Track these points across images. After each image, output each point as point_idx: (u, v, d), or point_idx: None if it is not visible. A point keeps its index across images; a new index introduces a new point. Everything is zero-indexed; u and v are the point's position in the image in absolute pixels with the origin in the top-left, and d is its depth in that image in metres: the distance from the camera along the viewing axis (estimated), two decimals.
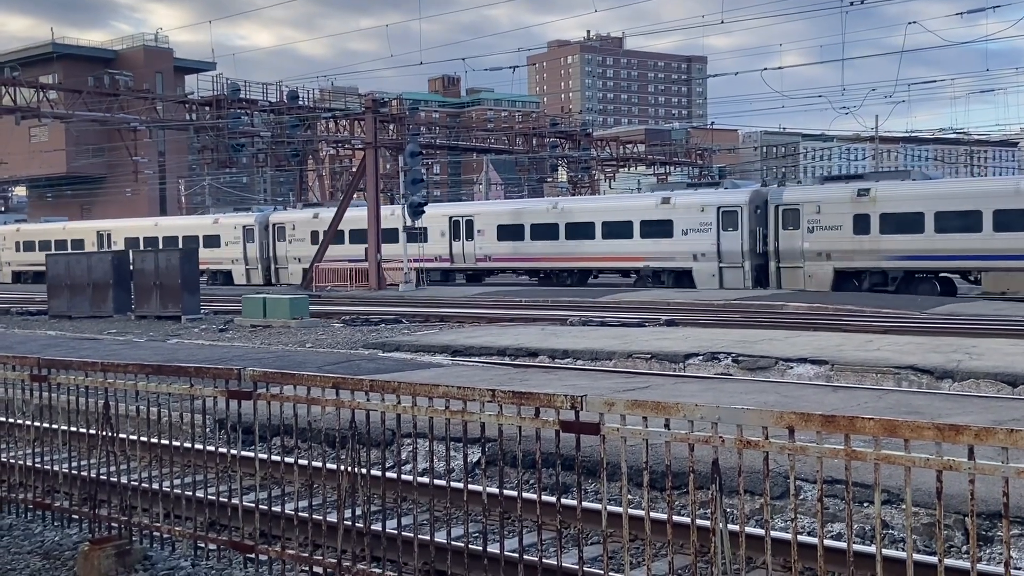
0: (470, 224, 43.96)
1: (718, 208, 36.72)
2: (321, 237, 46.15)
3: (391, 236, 42.53)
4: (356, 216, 45.13)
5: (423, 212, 42.04)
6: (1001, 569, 5.03)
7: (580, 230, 39.61)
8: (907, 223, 32.72)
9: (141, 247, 51.40)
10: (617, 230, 39.02)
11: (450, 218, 44.49)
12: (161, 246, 50.43)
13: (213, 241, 51.51)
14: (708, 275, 37.07)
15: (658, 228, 38.03)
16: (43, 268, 34.41)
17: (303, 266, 46.87)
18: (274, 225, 50.53)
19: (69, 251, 53.92)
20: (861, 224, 33.61)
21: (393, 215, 44.20)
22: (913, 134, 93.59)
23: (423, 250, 42.87)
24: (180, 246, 48.51)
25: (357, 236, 45.07)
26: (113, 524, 7.26)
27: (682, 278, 37.89)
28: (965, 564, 5.71)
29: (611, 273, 41.82)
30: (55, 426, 8.18)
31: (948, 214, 32.01)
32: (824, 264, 34.55)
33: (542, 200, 45.24)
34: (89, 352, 18.75)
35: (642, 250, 38.78)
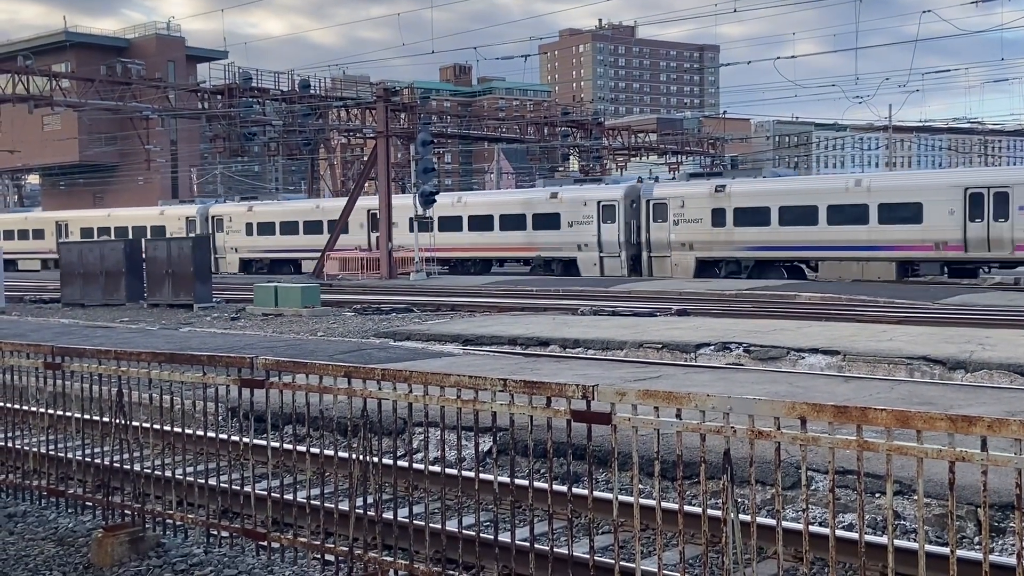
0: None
1: (598, 202, 40.15)
2: (256, 229, 50.64)
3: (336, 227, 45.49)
4: (294, 209, 50.45)
5: (435, 201, 42.15)
6: (1013, 560, 5.02)
7: (481, 222, 42.53)
8: (757, 217, 36.35)
9: (95, 237, 54.97)
10: (513, 223, 42.22)
11: (368, 211, 46.79)
12: (112, 236, 53.47)
13: (160, 231, 53.61)
14: (591, 264, 40.49)
15: (548, 221, 41.46)
16: None
17: (239, 256, 51.76)
18: (213, 217, 53.64)
19: (31, 240, 60.80)
20: (718, 217, 37.20)
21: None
22: (927, 123, 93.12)
23: (344, 241, 46.56)
24: (130, 236, 51.45)
25: (311, 227, 48.68)
26: (126, 511, 7.30)
27: (569, 267, 41.17)
28: (977, 555, 5.71)
29: (510, 262, 45.49)
30: (69, 414, 8.22)
31: (790, 208, 35.73)
32: (688, 254, 38.16)
33: (448, 195, 48.81)
34: (102, 340, 18.83)
35: (535, 241, 42.01)
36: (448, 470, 8.20)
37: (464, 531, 5.85)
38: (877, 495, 7.60)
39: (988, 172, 39.70)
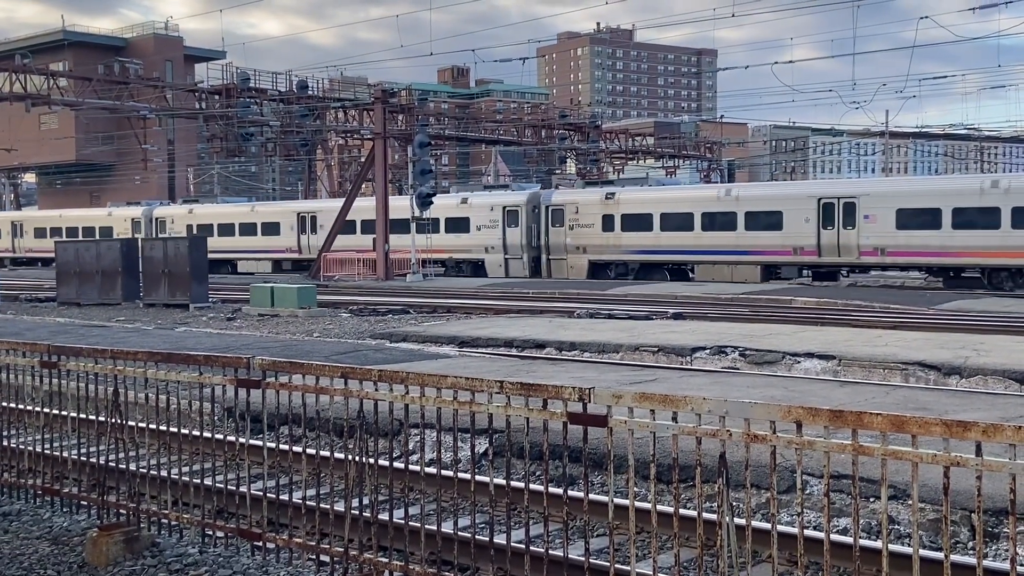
0: (314, 220, 49.74)
1: (503, 208, 42.93)
2: (196, 231, 52.16)
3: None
4: (231, 211, 53.08)
5: (432, 203, 42.26)
6: (1007, 566, 5.03)
7: (401, 226, 43.76)
8: (641, 223, 39.42)
9: (48, 237, 58.53)
10: (427, 227, 43.89)
11: (297, 214, 50.70)
12: (64, 236, 56.34)
13: (108, 232, 56.53)
14: (496, 265, 43.37)
15: (459, 225, 44.35)
16: None
17: None
18: (156, 219, 56.62)
19: None
20: (608, 223, 40.20)
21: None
22: (923, 130, 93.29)
23: (274, 242, 49.40)
24: (80, 236, 55.20)
25: (246, 229, 51.66)
26: (121, 511, 7.30)
27: (478, 268, 44.05)
28: (971, 560, 5.72)
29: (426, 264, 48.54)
30: (64, 412, 8.22)
31: (670, 216, 38.87)
32: (582, 256, 41.08)
33: (370, 199, 51.40)
34: (98, 339, 18.81)
35: (447, 243, 44.63)
36: (444, 472, 8.19)
37: (460, 533, 5.85)
38: (872, 499, 7.61)
39: (839, 184, 43.20)
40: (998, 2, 38.47)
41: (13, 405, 8.56)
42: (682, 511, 6.11)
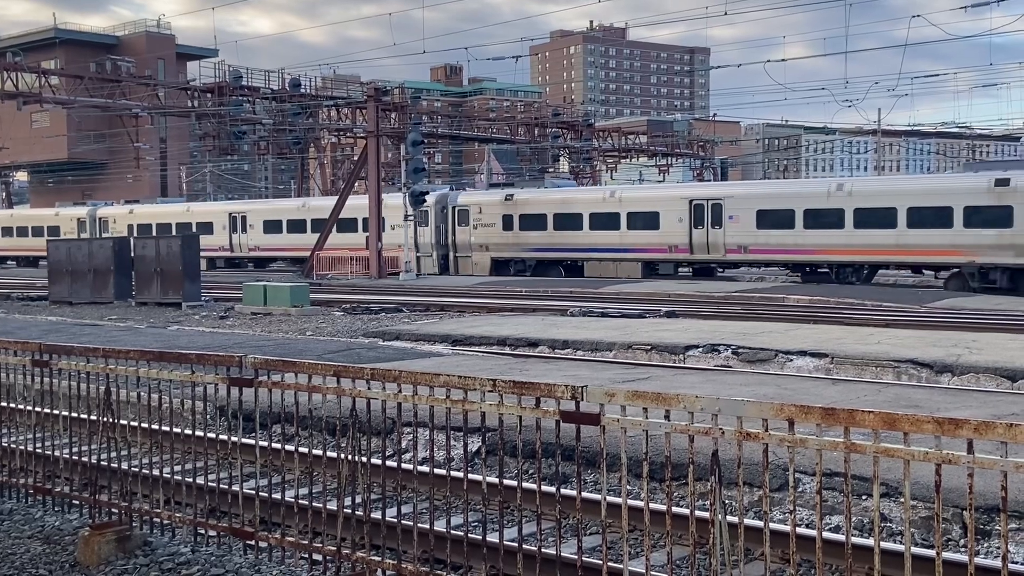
0: (244, 219, 52.59)
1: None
2: (136, 230, 54.25)
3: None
4: (167, 211, 55.60)
5: (424, 201, 42.30)
6: (999, 563, 5.04)
7: (320, 225, 46.81)
8: (537, 222, 42.09)
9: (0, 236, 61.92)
10: (347, 226, 46.19)
11: (229, 214, 53.18)
12: (15, 235, 59.97)
13: (55, 231, 59.19)
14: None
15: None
16: None
17: None
18: (100, 218, 59.03)
19: None
20: (508, 223, 42.95)
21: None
22: (915, 128, 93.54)
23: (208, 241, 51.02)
24: (29, 236, 58.45)
25: (182, 229, 52.05)
26: (113, 510, 7.28)
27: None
28: (963, 558, 5.73)
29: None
30: (56, 411, 8.20)
31: (562, 216, 41.51)
32: (485, 254, 43.75)
33: (294, 200, 55.36)
34: (90, 338, 18.77)
35: (363, 242, 45.84)
36: (436, 470, 8.19)
37: (452, 531, 5.85)
38: (864, 497, 7.63)
39: (708, 187, 44.86)
40: (990, 0, 38.56)
41: (4, 404, 8.54)
42: (675, 509, 6.12)
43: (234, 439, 7.11)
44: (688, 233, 38.68)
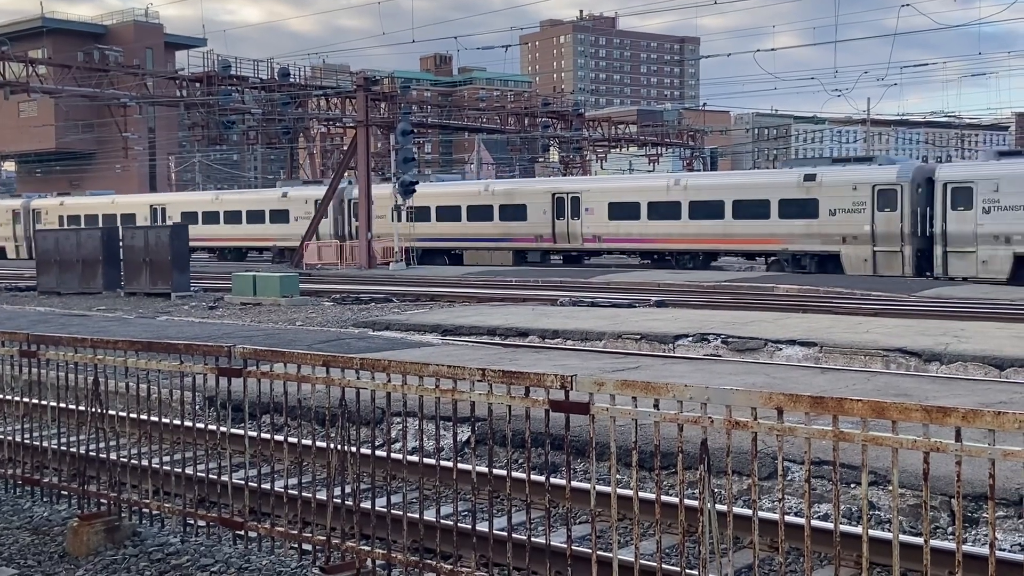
0: (164, 211, 54.71)
1: (315, 200, 47.42)
2: (66, 221, 56.23)
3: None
4: (94, 203, 57.05)
5: (414, 191, 42.27)
6: (986, 550, 5.07)
7: (234, 216, 50.42)
8: (423, 215, 44.90)
9: None
10: (255, 217, 50.25)
11: (150, 206, 55.77)
12: None
13: None
14: (313, 253, 46.86)
15: (279, 216, 49.52)
16: None
17: None
18: (33, 210, 60.88)
19: None
20: (399, 214, 45.04)
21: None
22: (904, 117, 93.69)
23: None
24: None
25: (108, 220, 52.96)
26: (102, 500, 7.27)
27: (295, 254, 47.44)
28: (951, 545, 5.76)
29: (255, 251, 53.59)
30: (44, 402, 8.17)
31: (443, 208, 44.71)
32: (376, 243, 45.19)
33: (208, 192, 58.79)
34: (79, 328, 18.71)
35: (270, 233, 49.90)
36: (426, 460, 8.19)
37: (442, 521, 5.85)
38: (852, 485, 7.65)
39: (568, 182, 47.54)
40: None
41: None
42: (664, 498, 6.13)
43: (223, 429, 7.09)
44: (552, 224, 41.71)
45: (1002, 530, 6.93)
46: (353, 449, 6.09)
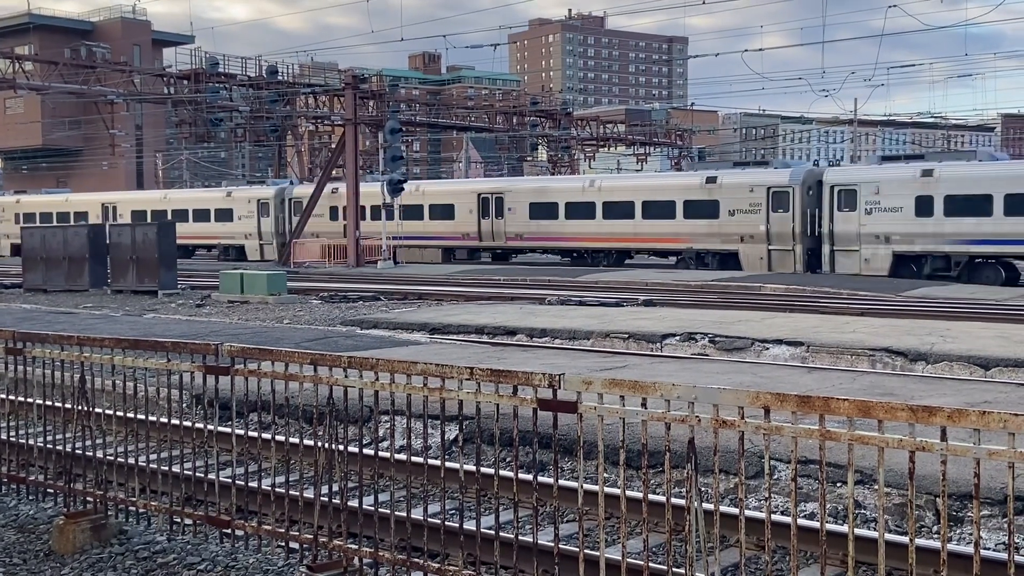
0: (115, 209, 55.80)
1: (258, 200, 49.74)
2: (22, 219, 56.83)
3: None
4: (49, 201, 57.90)
5: (403, 189, 42.28)
6: (971, 549, 5.10)
7: (181, 215, 51.12)
8: (360, 213, 45.86)
9: None
10: (201, 216, 51.61)
11: (102, 204, 56.47)
12: None
13: None
14: (254, 249, 49.78)
15: (223, 214, 50.93)
16: None
17: (11, 242, 57.14)
18: None
19: None
20: (334, 213, 47.12)
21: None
22: (891, 118, 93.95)
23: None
24: None
25: (62, 218, 54.85)
26: (88, 498, 7.25)
27: (240, 252, 50.19)
28: (936, 544, 5.79)
29: (200, 248, 54.16)
30: (30, 400, 8.14)
31: (376, 208, 44.64)
32: (316, 241, 46.99)
33: (158, 192, 60.60)
34: (65, 326, 18.63)
35: (215, 231, 51.35)
36: (414, 458, 8.19)
37: (429, 519, 5.85)
38: (839, 484, 7.68)
39: (492, 182, 49.31)
40: None
41: None
42: (651, 496, 6.15)
43: (210, 427, 7.08)
44: (477, 223, 43.37)
45: (987, 529, 6.97)
46: (341, 447, 6.09)
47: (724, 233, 36.97)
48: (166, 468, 7.07)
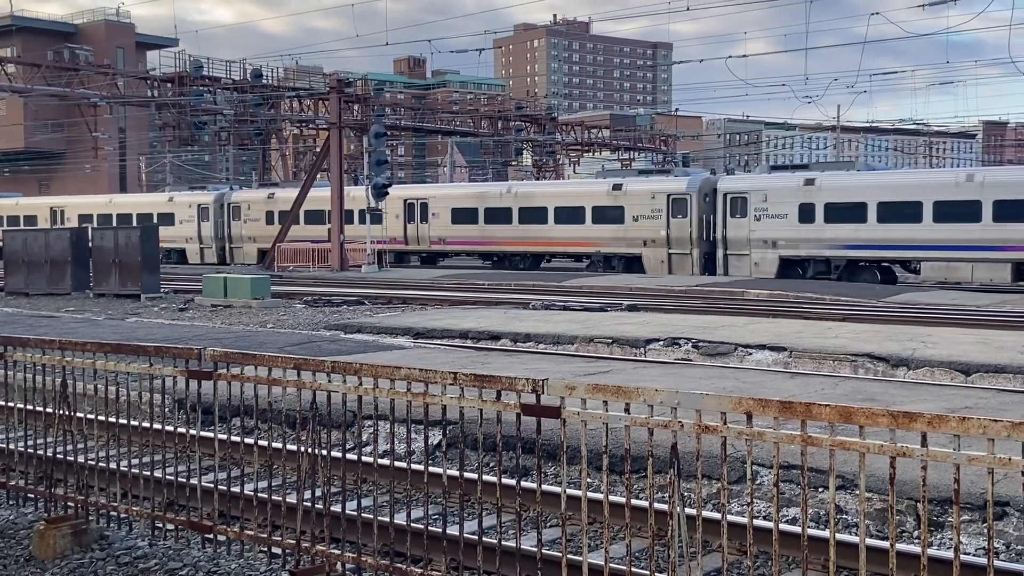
0: (63, 213, 57.13)
1: (198, 205, 51.59)
2: None
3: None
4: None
5: (387, 193, 42.26)
6: (951, 554, 5.13)
7: (126, 220, 51.89)
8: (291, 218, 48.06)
9: None
10: (145, 220, 51.33)
11: (51, 208, 58.01)
12: None
13: None
14: (195, 253, 51.71)
15: (166, 218, 51.96)
16: None
17: None
18: None
19: None
20: (270, 218, 49.29)
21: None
22: (874, 124, 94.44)
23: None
24: None
25: (30, 220, 56.36)
26: (69, 503, 7.21)
27: (181, 256, 52.01)
28: (916, 549, 5.82)
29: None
30: (11, 404, 8.09)
31: (310, 212, 46.45)
32: (253, 245, 49.86)
33: (104, 196, 60.91)
34: (47, 330, 18.53)
35: (163, 235, 52.97)
36: (397, 463, 8.19)
37: (412, 524, 5.85)
38: (820, 489, 7.71)
39: (418, 188, 51.33)
40: None
41: None
42: (634, 502, 6.16)
43: (193, 432, 7.06)
44: (404, 227, 45.21)
45: (967, 534, 7.01)
46: (324, 452, 6.07)
47: (629, 238, 38.80)
48: (148, 473, 7.04)
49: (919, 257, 33.14)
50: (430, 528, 5.62)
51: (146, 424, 7.41)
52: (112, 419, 7.25)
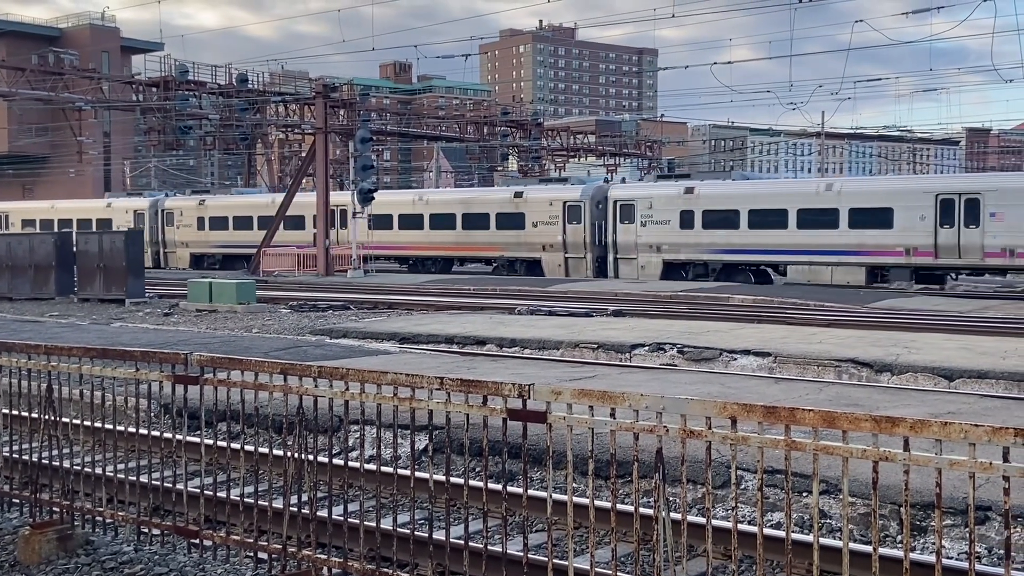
0: (7, 218, 59.55)
1: (134, 211, 53.92)
2: None
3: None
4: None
5: (373, 199, 42.26)
6: (933, 558, 5.17)
7: (66, 224, 52.96)
8: (221, 223, 50.95)
9: None
10: (84, 225, 52.42)
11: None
12: None
13: None
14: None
15: (104, 224, 52.44)
16: None
17: None
18: None
19: None
20: (201, 224, 51.54)
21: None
22: (858, 131, 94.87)
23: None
24: None
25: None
26: (55, 508, 7.19)
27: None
28: (899, 553, 5.86)
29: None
30: None
31: (239, 218, 49.98)
32: (186, 250, 52.57)
33: (45, 202, 62.32)
34: (31, 334, 18.46)
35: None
36: (384, 468, 8.19)
37: (399, 529, 5.86)
38: (804, 494, 7.76)
39: (337, 195, 51.46)
40: (932, 6, 39.32)
41: None
42: (620, 506, 6.18)
43: (179, 437, 7.06)
44: (325, 232, 45.40)
45: (949, 538, 7.06)
46: (310, 457, 6.08)
47: (529, 243, 41.24)
48: (134, 478, 7.03)
49: (785, 261, 35.63)
50: (416, 533, 5.64)
51: (132, 429, 7.40)
52: (98, 424, 7.24)
